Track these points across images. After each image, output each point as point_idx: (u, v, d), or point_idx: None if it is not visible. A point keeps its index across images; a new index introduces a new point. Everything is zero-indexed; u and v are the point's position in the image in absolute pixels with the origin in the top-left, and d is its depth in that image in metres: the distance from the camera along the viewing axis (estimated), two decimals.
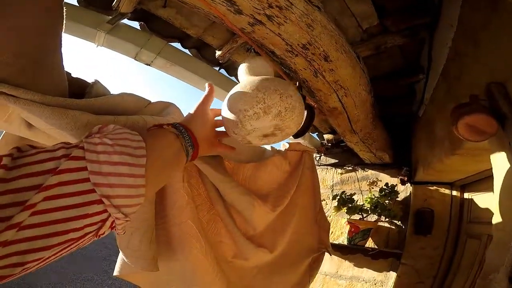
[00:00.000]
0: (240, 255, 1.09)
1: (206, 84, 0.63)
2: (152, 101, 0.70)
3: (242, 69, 0.86)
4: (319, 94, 1.09)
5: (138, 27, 1.25)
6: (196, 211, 0.95)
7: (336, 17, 1.18)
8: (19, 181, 0.30)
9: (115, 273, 0.85)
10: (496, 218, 0.87)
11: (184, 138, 0.50)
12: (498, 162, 0.84)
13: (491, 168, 1.29)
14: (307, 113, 1.05)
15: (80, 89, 0.58)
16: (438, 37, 1.32)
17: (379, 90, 1.54)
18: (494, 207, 0.89)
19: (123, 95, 0.61)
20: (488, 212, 1.46)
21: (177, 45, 1.36)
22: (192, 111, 0.59)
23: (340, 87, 1.04)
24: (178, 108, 0.76)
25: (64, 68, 0.51)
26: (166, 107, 0.75)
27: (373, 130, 1.55)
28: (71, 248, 0.35)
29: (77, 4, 1.11)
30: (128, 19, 1.16)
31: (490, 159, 0.95)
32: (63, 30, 0.48)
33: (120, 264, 0.86)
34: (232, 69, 1.55)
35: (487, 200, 1.52)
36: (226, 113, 0.64)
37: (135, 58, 1.23)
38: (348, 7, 1.14)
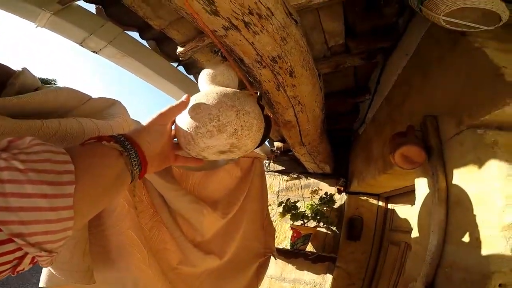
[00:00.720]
0: (187, 262, 1.05)
1: (184, 96, 0.56)
2: (92, 97, 0.60)
3: (204, 76, 0.82)
4: (278, 107, 1.12)
5: (94, 11, 1.10)
6: (137, 219, 0.89)
7: (307, 32, 1.20)
8: None
9: (42, 284, 0.74)
10: (415, 233, 1.01)
11: (129, 156, 0.42)
12: (421, 186, 0.98)
13: (411, 185, 1.51)
14: (264, 127, 1.07)
15: (1, 78, 0.47)
16: (391, 63, 1.44)
17: (328, 106, 1.65)
18: (414, 224, 1.03)
19: (56, 90, 0.51)
20: (406, 222, 1.70)
21: (135, 35, 1.24)
22: (148, 121, 0.49)
23: (298, 102, 1.08)
24: (124, 107, 0.67)
25: None
26: (109, 105, 0.65)
27: (319, 144, 1.66)
28: None
29: None
30: (84, 0, 1.01)
31: (411, 178, 1.10)
32: None
33: (47, 274, 0.75)
34: (191, 68, 1.48)
35: (406, 212, 1.76)
36: (179, 127, 0.57)
37: (80, 44, 1.07)
38: (321, 23, 1.16)
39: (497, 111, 0.65)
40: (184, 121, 0.57)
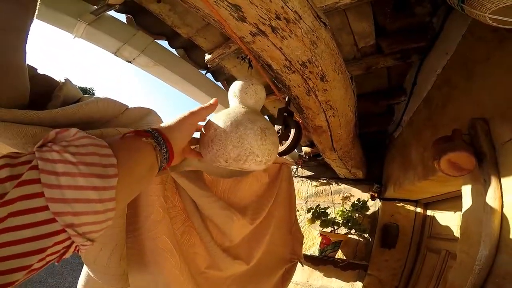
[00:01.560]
0: (215, 266, 1.07)
1: (213, 100, 0.58)
2: (129, 107, 0.63)
3: (249, 91, 0.75)
4: (308, 112, 1.08)
5: (124, 20, 1.16)
6: (170, 224, 0.91)
7: (334, 33, 1.15)
8: None
9: (80, 286, 0.79)
10: (461, 241, 0.93)
11: (161, 151, 0.45)
12: (469, 194, 0.90)
13: (455, 191, 1.39)
14: (295, 133, 1.04)
15: (47, 89, 0.50)
16: (428, 63, 1.34)
17: (360, 108, 1.58)
18: (460, 232, 0.95)
19: (97, 101, 0.53)
20: (448, 230, 1.58)
21: (164, 43, 1.28)
22: (180, 117, 0.52)
23: (330, 107, 1.04)
24: (159, 116, 0.70)
25: (26, 68, 0.43)
26: (145, 114, 0.68)
27: (351, 149, 1.59)
28: (32, 274, 0.31)
29: None
30: (115, 10, 1.06)
31: (455, 184, 1.01)
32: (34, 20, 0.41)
33: (85, 277, 0.80)
34: (219, 74, 1.50)
35: (448, 219, 1.63)
36: (231, 142, 0.59)
37: (115, 54, 1.12)
38: (349, 24, 1.12)
39: None
40: (245, 143, 0.59)
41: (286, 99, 1.13)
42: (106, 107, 0.56)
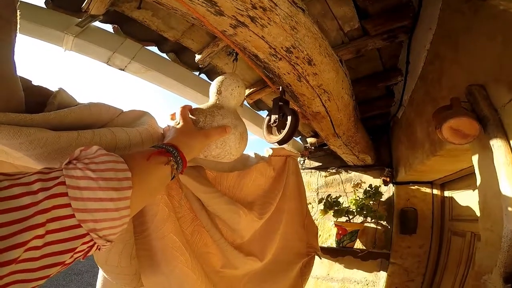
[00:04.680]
0: (229, 265, 1.06)
1: (227, 128, 0.69)
2: (124, 110, 0.65)
3: (231, 88, 0.78)
4: (303, 99, 1.07)
5: (111, 30, 1.18)
6: (178, 223, 0.92)
7: (318, 20, 1.16)
8: None
9: None
10: (483, 218, 0.86)
11: (177, 168, 0.52)
12: (481, 163, 0.85)
13: (469, 167, 1.33)
14: (291, 119, 1.03)
15: (42, 99, 0.52)
16: (416, 40, 1.33)
17: (358, 92, 1.54)
18: (479, 207, 0.89)
19: (90, 106, 0.55)
20: (469, 210, 1.50)
21: (154, 49, 1.30)
22: (199, 140, 0.61)
23: (323, 91, 1.03)
24: (153, 118, 0.72)
25: (17, 78, 0.45)
26: (140, 116, 0.69)
27: (355, 133, 1.55)
28: (59, 271, 0.36)
29: (43, 6, 1.02)
30: (100, 21, 1.09)
31: (467, 159, 0.96)
32: (17, 35, 0.43)
33: (102, 280, 0.82)
34: (212, 74, 1.50)
35: (467, 198, 1.56)
36: (215, 143, 0.68)
37: (107, 63, 1.15)
38: (331, 10, 1.12)
39: None
40: (228, 145, 0.71)
41: (280, 89, 1.13)
42: (99, 112, 0.58)
